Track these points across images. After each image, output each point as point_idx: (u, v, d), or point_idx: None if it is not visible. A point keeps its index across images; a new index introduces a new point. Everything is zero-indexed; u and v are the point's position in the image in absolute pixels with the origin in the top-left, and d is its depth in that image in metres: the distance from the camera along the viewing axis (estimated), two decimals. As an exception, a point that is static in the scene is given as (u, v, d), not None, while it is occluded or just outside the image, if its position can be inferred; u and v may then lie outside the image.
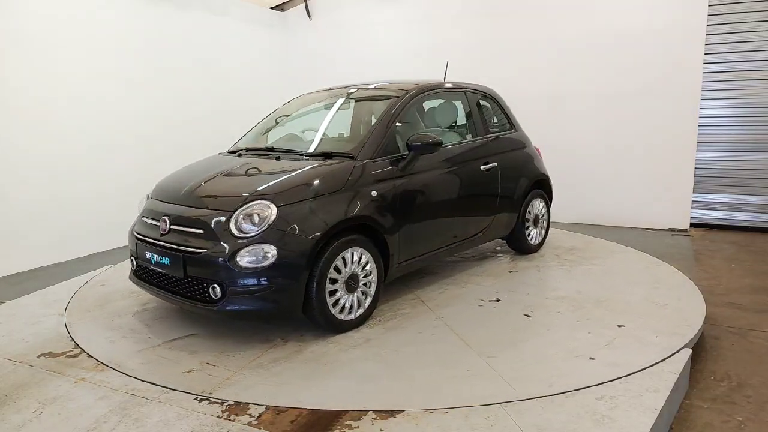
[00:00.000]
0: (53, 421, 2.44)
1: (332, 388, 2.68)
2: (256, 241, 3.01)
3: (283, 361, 2.99)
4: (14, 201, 5.35)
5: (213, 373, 2.87)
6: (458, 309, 3.68)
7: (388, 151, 3.70)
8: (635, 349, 2.97)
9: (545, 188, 5.13)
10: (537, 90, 7.21)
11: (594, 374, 2.71)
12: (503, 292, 3.97)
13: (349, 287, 3.33)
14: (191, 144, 6.76)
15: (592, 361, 2.86)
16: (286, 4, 8.84)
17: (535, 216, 4.98)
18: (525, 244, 4.94)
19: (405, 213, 3.68)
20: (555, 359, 2.90)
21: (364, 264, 3.40)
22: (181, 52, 7.05)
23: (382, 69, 7.97)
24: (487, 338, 3.19)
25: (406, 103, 4.00)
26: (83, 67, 5.91)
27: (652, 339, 3.08)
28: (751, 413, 2.76)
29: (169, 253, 3.22)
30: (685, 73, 6.46)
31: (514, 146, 4.80)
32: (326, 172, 3.42)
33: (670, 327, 3.24)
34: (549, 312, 3.58)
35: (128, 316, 3.68)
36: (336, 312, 3.27)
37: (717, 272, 5.08)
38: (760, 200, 6.54)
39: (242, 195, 3.22)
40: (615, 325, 3.30)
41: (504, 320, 3.48)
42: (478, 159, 4.36)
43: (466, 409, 2.44)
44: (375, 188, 3.49)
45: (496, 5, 7.45)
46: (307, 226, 3.12)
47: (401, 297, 3.96)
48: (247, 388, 2.68)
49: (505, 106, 4.97)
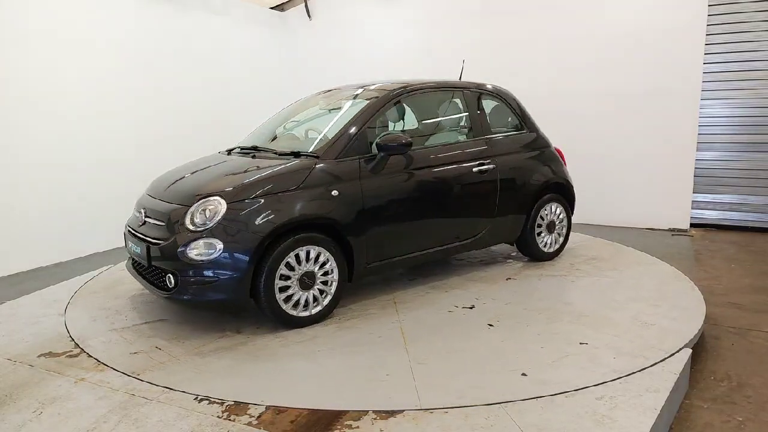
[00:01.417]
0: (53, 421, 2.44)
1: (241, 381, 2.75)
2: (205, 235, 3.18)
3: (223, 351, 3.12)
4: (14, 201, 5.35)
5: (154, 356, 3.05)
6: (425, 314, 3.60)
7: (360, 152, 3.69)
8: (580, 369, 2.77)
9: (564, 193, 4.82)
10: (536, 90, 7.20)
11: (517, 390, 2.58)
12: (484, 300, 3.82)
13: (304, 284, 3.39)
14: (191, 143, 6.77)
15: (523, 377, 2.71)
16: (286, 4, 8.84)
17: (550, 222, 4.70)
18: (537, 251, 4.67)
19: (373, 214, 3.64)
20: (484, 371, 2.79)
21: (323, 262, 3.45)
22: (181, 51, 7.05)
23: (382, 69, 7.97)
24: (431, 345, 3.11)
25: (382, 104, 3.93)
26: (83, 67, 5.91)
27: (608, 360, 2.85)
28: (751, 413, 2.76)
29: (140, 242, 3.49)
30: (685, 73, 6.46)
31: (524, 147, 4.59)
32: (283, 171, 3.49)
33: (638, 349, 2.96)
34: (517, 323, 3.40)
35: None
36: (288, 307, 3.35)
37: (717, 272, 5.08)
38: (760, 200, 6.54)
39: (201, 191, 3.41)
40: (577, 342, 3.08)
41: (463, 328, 3.34)
42: (470, 160, 4.20)
43: (466, 409, 2.44)
44: (337, 188, 3.50)
45: (495, 5, 7.45)
46: (254, 223, 3.22)
47: (377, 297, 3.94)
48: (169, 374, 2.83)
49: (517, 106, 4.74)
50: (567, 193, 4.86)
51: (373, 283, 4.26)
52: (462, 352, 3.03)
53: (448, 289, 4.07)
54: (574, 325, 3.35)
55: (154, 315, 3.69)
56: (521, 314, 3.55)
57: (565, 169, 4.87)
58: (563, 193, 4.82)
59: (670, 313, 3.50)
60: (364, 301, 3.87)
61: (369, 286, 4.17)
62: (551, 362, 2.87)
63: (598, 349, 2.99)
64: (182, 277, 3.19)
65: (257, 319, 3.53)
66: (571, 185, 4.88)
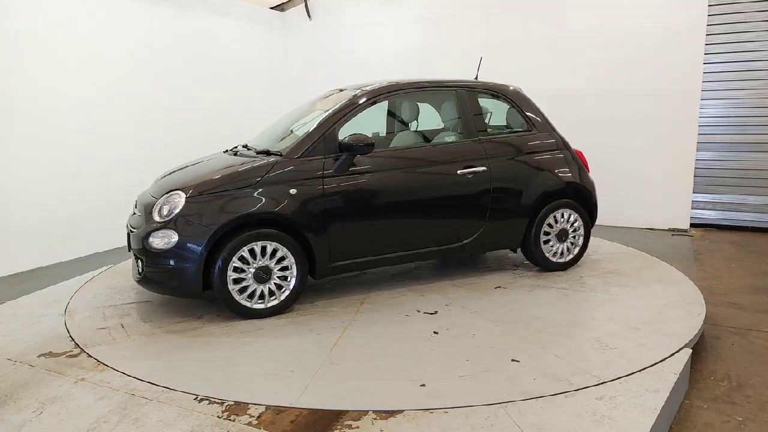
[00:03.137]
0: (53, 421, 2.44)
1: (159, 364, 2.93)
2: (165, 227, 3.45)
3: (171, 335, 3.36)
4: (14, 201, 5.35)
5: (114, 335, 3.35)
6: (381, 316, 3.58)
7: (327, 152, 3.72)
8: (488, 386, 2.64)
9: (581, 199, 4.46)
10: (536, 90, 7.13)
11: (410, 399, 2.54)
12: (453, 307, 3.70)
13: (259, 278, 3.54)
14: (191, 143, 6.78)
15: (421, 387, 2.65)
16: (286, 4, 8.84)
17: (561, 230, 4.37)
18: (544, 261, 4.37)
19: (337, 213, 3.68)
20: (385, 378, 2.76)
21: (280, 258, 3.57)
22: (181, 51, 7.05)
23: (382, 69, 7.96)
24: (359, 348, 3.11)
25: (354, 104, 3.91)
26: (83, 67, 5.91)
27: (525, 381, 2.67)
28: (751, 413, 2.76)
29: (128, 232, 3.82)
30: (685, 74, 6.46)
31: (529, 149, 4.31)
32: (242, 169, 3.65)
33: (568, 373, 2.73)
34: (465, 333, 3.27)
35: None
36: (241, 298, 3.53)
37: (717, 272, 5.08)
38: (759, 200, 6.54)
39: (173, 186, 3.68)
40: (509, 359, 2.91)
41: (406, 334, 3.29)
42: (455, 162, 4.03)
43: (466, 409, 2.44)
44: (296, 186, 3.59)
45: (494, 5, 7.45)
46: (207, 217, 3.44)
47: (349, 296, 3.98)
48: (108, 351, 3.10)
49: (525, 105, 4.47)
50: (584, 199, 4.49)
51: (357, 282, 4.29)
52: (382, 358, 2.99)
53: (426, 293, 4.00)
54: (523, 341, 3.15)
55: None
56: (477, 325, 3.40)
57: (584, 174, 4.50)
58: (580, 199, 4.46)
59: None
60: (335, 299, 3.94)
61: (349, 285, 4.23)
62: (460, 376, 2.75)
63: (524, 368, 2.81)
64: (147, 263, 3.50)
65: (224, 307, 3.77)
66: (589, 192, 4.50)
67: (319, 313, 3.66)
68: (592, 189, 4.54)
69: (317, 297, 3.97)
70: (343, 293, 4.05)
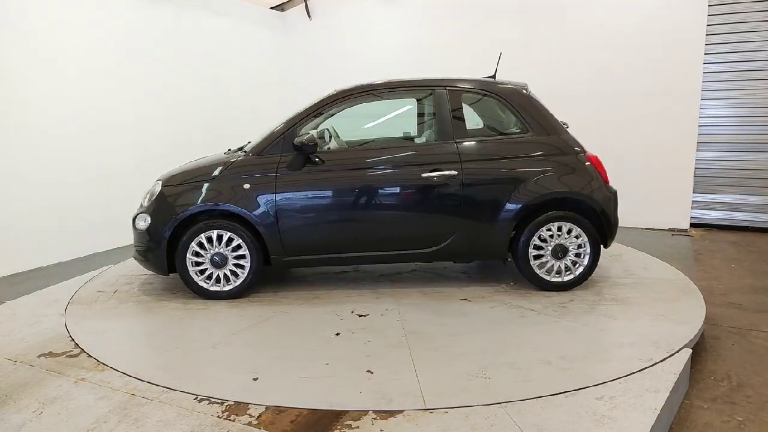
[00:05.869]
0: (53, 421, 2.44)
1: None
2: (146, 211, 3.94)
3: (134, 311, 3.78)
4: (14, 201, 5.35)
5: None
6: (312, 315, 3.63)
7: (285, 150, 3.88)
8: (312, 387, 2.67)
9: (587, 212, 3.91)
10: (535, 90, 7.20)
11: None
12: (390, 313, 3.61)
13: (215, 263, 3.89)
14: (191, 143, 6.78)
15: (254, 380, 2.72)
16: (286, 4, 8.84)
17: (558, 246, 3.87)
18: (534, 278, 3.93)
19: (287, 210, 3.85)
20: (221, 365, 2.93)
21: (235, 247, 3.87)
22: (181, 51, 7.05)
23: (382, 69, 7.96)
24: (261, 341, 3.25)
25: (324, 104, 3.99)
26: (83, 67, 5.91)
27: (348, 391, 2.63)
28: (751, 413, 2.76)
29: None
30: (685, 73, 6.46)
31: (520, 153, 3.91)
32: (207, 164, 4.04)
33: (397, 394, 2.61)
34: (363, 338, 3.23)
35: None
36: (200, 280, 3.91)
37: (717, 272, 5.07)
38: (759, 200, 6.54)
39: (162, 176, 4.12)
40: (365, 370, 2.84)
41: (310, 332, 3.33)
42: (423, 164, 3.85)
43: (466, 409, 2.44)
44: (250, 182, 3.85)
45: (494, 5, 7.45)
46: (172, 206, 3.88)
47: (310, 291, 4.13)
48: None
49: (521, 105, 4.04)
50: (591, 213, 3.92)
51: (341, 279, 4.41)
52: (261, 349, 3.14)
53: (384, 296, 3.95)
54: (408, 355, 2.99)
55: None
56: (387, 333, 3.29)
57: (593, 183, 3.90)
58: (585, 212, 3.91)
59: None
60: (295, 292, 4.12)
61: (331, 282, 4.34)
62: (301, 377, 2.77)
63: (367, 381, 2.73)
64: (134, 240, 4.05)
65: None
66: (599, 204, 3.88)
67: (267, 304, 3.86)
68: (604, 201, 3.90)
69: (282, 288, 4.21)
70: (306, 288, 4.22)
